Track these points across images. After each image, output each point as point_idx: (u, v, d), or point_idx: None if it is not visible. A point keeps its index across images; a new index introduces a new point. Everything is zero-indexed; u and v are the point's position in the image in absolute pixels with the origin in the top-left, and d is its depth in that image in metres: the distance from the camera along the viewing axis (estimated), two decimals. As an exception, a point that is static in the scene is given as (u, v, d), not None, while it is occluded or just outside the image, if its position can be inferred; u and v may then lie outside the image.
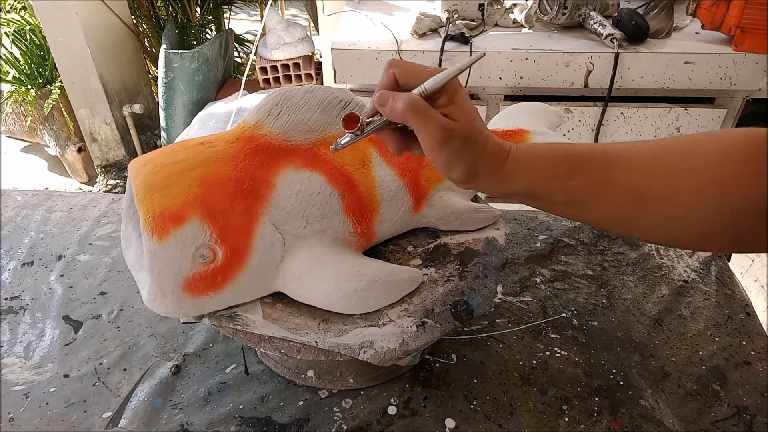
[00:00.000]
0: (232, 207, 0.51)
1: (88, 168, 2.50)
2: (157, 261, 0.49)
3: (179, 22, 2.51)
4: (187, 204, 0.49)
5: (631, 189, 0.44)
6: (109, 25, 2.30)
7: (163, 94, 2.18)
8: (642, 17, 1.40)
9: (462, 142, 0.45)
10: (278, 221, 0.53)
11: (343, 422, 0.59)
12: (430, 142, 0.45)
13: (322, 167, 0.56)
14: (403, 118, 0.45)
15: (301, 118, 0.53)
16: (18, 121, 2.48)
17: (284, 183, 0.53)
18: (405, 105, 0.44)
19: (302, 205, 0.54)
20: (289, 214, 0.53)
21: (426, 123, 0.44)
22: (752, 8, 1.30)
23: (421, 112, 0.44)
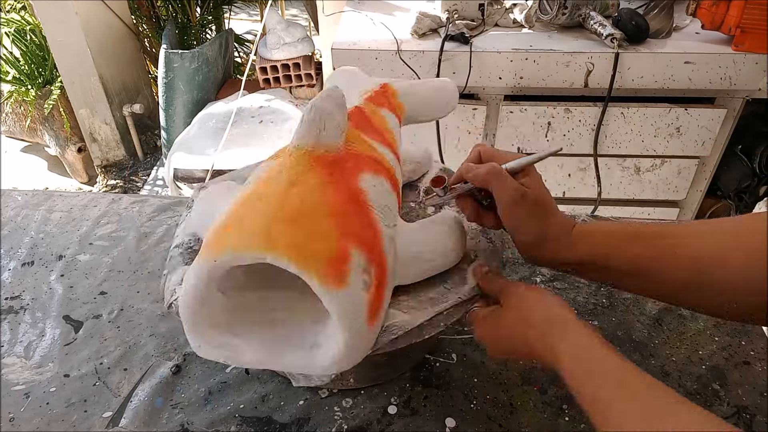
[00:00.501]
0: (362, 223, 0.49)
1: (88, 168, 2.51)
2: (347, 310, 0.45)
3: (179, 22, 2.51)
4: (339, 239, 0.46)
5: (687, 255, 0.47)
6: (109, 25, 2.30)
7: (163, 94, 2.18)
8: (642, 17, 1.40)
9: (533, 207, 0.52)
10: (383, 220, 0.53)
11: (344, 422, 0.59)
12: (505, 201, 0.51)
13: (375, 166, 0.56)
14: (485, 181, 0.52)
15: (335, 123, 0.52)
16: (18, 121, 2.48)
17: (367, 185, 0.52)
18: (487, 169, 0.52)
19: (385, 200, 0.54)
20: (383, 210, 0.53)
21: (503, 184, 0.51)
22: (752, 8, 1.30)
23: (500, 176, 0.51)
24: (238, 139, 1.97)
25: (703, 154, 1.52)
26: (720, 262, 0.45)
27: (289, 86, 2.29)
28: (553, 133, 1.52)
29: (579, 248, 0.52)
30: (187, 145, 2.00)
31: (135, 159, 2.56)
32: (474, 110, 1.51)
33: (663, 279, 0.49)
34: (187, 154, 1.96)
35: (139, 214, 0.89)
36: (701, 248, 0.47)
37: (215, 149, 1.90)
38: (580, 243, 0.52)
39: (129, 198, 0.94)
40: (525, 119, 1.50)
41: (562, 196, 1.64)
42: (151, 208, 0.91)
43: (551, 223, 0.52)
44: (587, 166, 1.56)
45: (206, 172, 1.86)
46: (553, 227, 0.52)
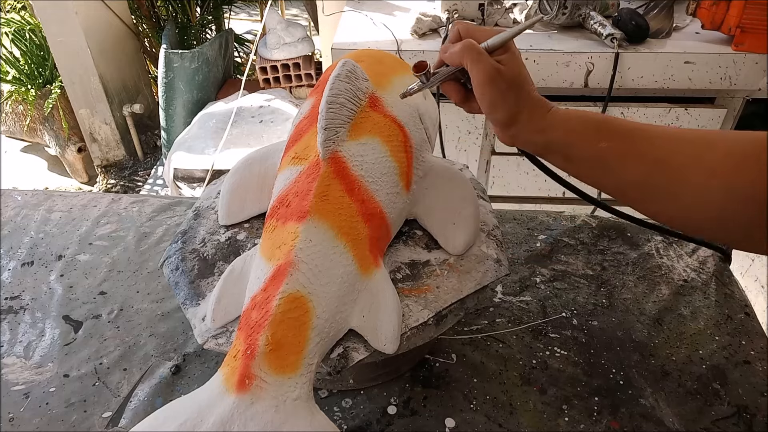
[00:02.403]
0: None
1: (88, 168, 2.51)
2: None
3: (179, 22, 2.51)
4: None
5: (652, 158, 0.47)
6: (109, 24, 2.30)
7: (163, 94, 2.18)
8: (642, 17, 1.40)
9: (508, 85, 0.51)
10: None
11: (343, 422, 0.59)
12: (480, 78, 0.51)
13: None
14: (460, 58, 0.51)
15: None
16: (18, 121, 2.48)
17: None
18: (461, 46, 0.51)
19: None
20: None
21: (478, 61, 0.50)
22: (752, 8, 1.30)
23: (474, 52, 0.50)
24: (238, 139, 1.97)
25: (703, 154, 1.52)
26: (683, 170, 0.45)
27: (289, 86, 2.29)
28: (553, 133, 1.52)
29: (553, 133, 0.52)
30: (187, 145, 2.00)
31: (135, 159, 2.56)
32: (474, 110, 1.51)
33: (626, 176, 0.49)
34: (187, 154, 1.96)
35: (139, 214, 0.89)
36: (674, 152, 0.46)
37: (215, 149, 1.90)
38: (554, 127, 0.52)
39: (129, 198, 0.94)
40: (525, 119, 1.50)
41: (562, 196, 1.64)
42: (151, 208, 0.91)
43: (526, 102, 0.52)
44: (587, 166, 1.56)
45: (206, 172, 1.86)
46: (527, 106, 0.52)
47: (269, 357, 0.43)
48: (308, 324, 0.45)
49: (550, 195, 1.64)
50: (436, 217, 0.59)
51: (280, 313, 0.44)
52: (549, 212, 0.89)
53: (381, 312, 0.49)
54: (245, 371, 0.42)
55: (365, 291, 0.50)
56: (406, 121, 0.59)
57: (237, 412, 0.41)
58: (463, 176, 0.62)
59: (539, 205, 1.67)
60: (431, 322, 0.52)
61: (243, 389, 0.42)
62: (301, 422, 0.42)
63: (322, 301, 0.47)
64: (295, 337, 0.44)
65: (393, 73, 0.62)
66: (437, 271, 0.56)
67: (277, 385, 0.43)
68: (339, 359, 0.49)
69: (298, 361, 0.44)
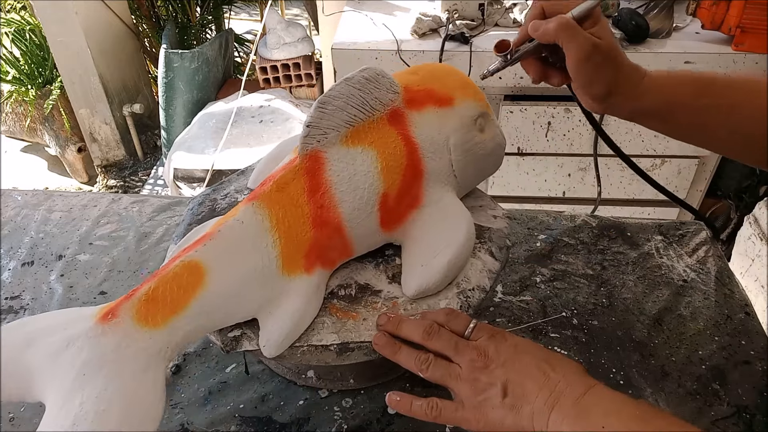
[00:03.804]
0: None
1: (88, 168, 2.51)
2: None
3: (179, 22, 2.51)
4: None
5: (752, 106, 0.48)
6: (109, 24, 2.30)
7: (163, 94, 2.18)
8: (642, 17, 1.40)
9: (604, 58, 0.51)
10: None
11: (344, 422, 0.59)
12: (577, 55, 0.50)
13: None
14: (555, 36, 0.50)
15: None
16: (18, 121, 2.48)
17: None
18: (557, 24, 0.50)
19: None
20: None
21: (574, 38, 0.49)
22: (752, 8, 1.30)
23: (571, 29, 0.50)
24: (238, 139, 1.97)
25: (703, 154, 1.52)
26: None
27: (289, 86, 2.30)
28: (553, 133, 1.52)
29: (649, 98, 0.52)
30: (187, 145, 2.00)
31: (135, 159, 2.56)
32: (474, 110, 1.51)
33: (729, 132, 0.50)
34: (187, 154, 1.96)
35: (139, 214, 0.89)
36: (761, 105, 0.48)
37: (215, 149, 1.90)
38: (651, 92, 0.52)
39: (129, 198, 0.94)
40: (525, 119, 1.50)
41: (562, 196, 1.64)
42: (151, 208, 0.91)
43: (621, 73, 0.52)
44: (587, 166, 1.56)
45: (206, 171, 1.86)
46: (623, 78, 0.52)
47: (139, 305, 0.46)
48: (193, 293, 0.47)
49: (550, 195, 1.64)
50: (412, 252, 0.55)
51: (172, 273, 0.47)
52: (549, 212, 0.89)
53: (280, 314, 0.50)
54: (114, 307, 0.46)
55: (280, 289, 0.50)
56: (426, 146, 0.55)
57: (85, 336, 0.45)
58: (465, 224, 0.55)
59: (539, 205, 1.67)
60: (333, 349, 0.51)
61: (103, 320, 0.45)
62: (127, 369, 0.44)
63: (220, 279, 0.48)
64: (174, 298, 0.46)
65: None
66: (378, 305, 0.54)
67: (132, 330, 0.45)
68: (231, 341, 0.51)
69: (165, 320, 0.46)
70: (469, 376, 0.46)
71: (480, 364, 0.46)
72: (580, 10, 0.52)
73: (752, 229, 1.25)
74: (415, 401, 0.47)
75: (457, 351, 0.47)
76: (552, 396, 0.42)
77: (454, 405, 0.46)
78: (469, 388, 0.45)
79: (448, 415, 0.46)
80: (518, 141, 1.55)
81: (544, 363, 0.44)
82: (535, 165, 1.60)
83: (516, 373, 0.44)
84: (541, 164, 1.59)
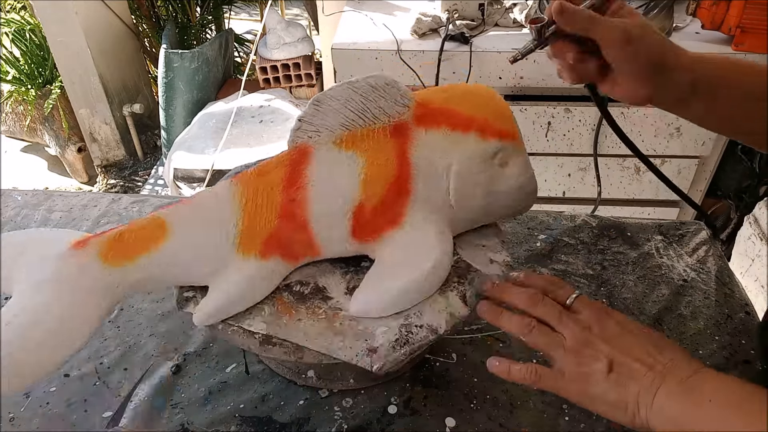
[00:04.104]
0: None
1: (88, 168, 2.51)
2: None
3: (179, 22, 2.51)
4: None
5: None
6: (109, 24, 2.30)
7: (163, 94, 2.18)
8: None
9: (644, 34, 0.50)
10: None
11: (344, 421, 0.59)
12: (613, 40, 0.50)
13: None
14: (584, 31, 0.50)
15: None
16: (18, 121, 2.48)
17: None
18: (583, 20, 0.50)
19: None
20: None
21: (605, 26, 0.49)
22: (752, 8, 1.30)
23: (598, 20, 0.50)
24: (238, 139, 1.97)
25: (703, 154, 1.52)
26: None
27: (289, 86, 2.29)
28: (553, 133, 1.52)
29: (697, 71, 0.52)
30: (187, 145, 2.00)
31: (135, 159, 2.56)
32: (474, 110, 1.50)
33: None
34: (187, 154, 1.96)
35: (139, 214, 0.89)
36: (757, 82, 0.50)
37: (215, 149, 1.90)
38: (698, 66, 0.52)
39: (129, 198, 0.94)
40: (525, 119, 1.50)
41: (562, 196, 1.64)
42: (151, 208, 0.91)
43: (666, 46, 0.52)
44: (587, 166, 1.56)
45: (206, 172, 1.86)
46: (669, 49, 0.52)
47: (105, 243, 0.52)
48: (152, 245, 0.52)
49: (550, 195, 1.64)
50: (374, 268, 0.54)
51: (141, 224, 0.53)
52: (549, 212, 0.89)
53: (220, 287, 0.52)
54: (86, 240, 0.53)
55: (232, 266, 0.52)
56: (421, 168, 0.53)
57: (54, 256, 0.51)
58: (433, 255, 0.52)
59: (539, 205, 1.67)
60: (257, 338, 0.52)
61: (75, 247, 0.52)
62: (72, 294, 0.50)
63: (179, 239, 0.52)
64: (134, 245, 0.52)
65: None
66: (319, 311, 0.53)
67: (92, 261, 0.51)
68: (183, 299, 0.55)
69: (121, 262, 0.52)
70: (573, 347, 0.46)
71: (583, 337, 0.46)
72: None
73: (752, 229, 1.25)
74: (513, 365, 0.48)
75: (560, 321, 0.48)
76: (660, 376, 0.43)
77: (553, 373, 0.47)
78: (572, 359, 0.46)
79: (547, 382, 0.47)
80: (518, 141, 1.54)
81: (651, 346, 0.45)
82: (535, 165, 1.60)
83: (622, 352, 0.45)
84: (541, 164, 1.59)
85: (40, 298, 0.49)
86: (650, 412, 0.42)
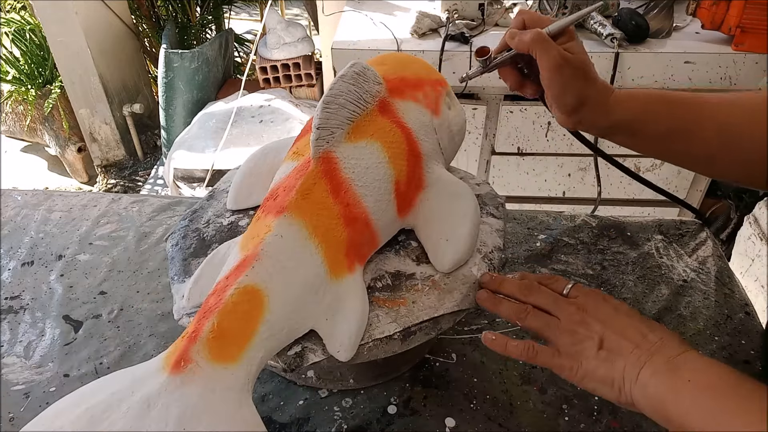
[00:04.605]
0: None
1: (88, 168, 2.51)
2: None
3: (179, 21, 2.51)
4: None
5: (719, 124, 0.53)
6: (109, 24, 2.30)
7: (163, 93, 2.18)
8: (642, 17, 1.40)
9: (575, 71, 0.54)
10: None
11: (344, 421, 0.59)
12: (550, 66, 0.54)
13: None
14: (529, 47, 0.54)
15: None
16: (18, 121, 2.48)
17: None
18: (532, 36, 0.54)
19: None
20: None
21: (548, 50, 0.53)
22: (752, 8, 1.30)
23: (545, 42, 0.53)
24: (238, 139, 1.97)
25: (703, 154, 1.52)
26: (746, 131, 0.51)
27: (289, 86, 2.29)
28: (553, 133, 1.52)
29: (617, 112, 0.56)
30: (187, 145, 2.00)
31: (135, 159, 2.56)
32: (474, 110, 1.51)
33: (693, 146, 0.53)
34: (187, 154, 1.96)
35: (139, 214, 0.89)
36: (729, 117, 0.52)
37: (215, 149, 1.90)
38: (620, 107, 0.56)
39: (129, 198, 0.94)
40: (525, 119, 1.50)
41: (562, 196, 1.64)
42: (151, 208, 0.91)
43: (592, 87, 0.56)
44: (587, 166, 1.56)
45: (206, 171, 1.86)
46: (593, 91, 0.56)
47: (210, 343, 0.43)
48: (259, 318, 0.45)
49: (550, 195, 1.64)
50: (431, 230, 0.57)
51: (231, 303, 0.45)
52: (549, 212, 0.89)
53: (342, 318, 0.49)
54: (184, 353, 0.43)
55: (332, 294, 0.50)
56: (417, 129, 0.58)
57: (164, 391, 0.41)
58: (469, 193, 0.58)
59: (539, 205, 1.67)
60: (397, 337, 0.51)
61: (177, 370, 0.42)
62: (223, 412, 0.42)
63: (279, 298, 0.46)
64: (241, 328, 0.44)
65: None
66: (418, 286, 0.55)
67: (212, 372, 0.42)
68: (295, 358, 0.49)
69: (240, 353, 0.44)
70: (567, 327, 0.48)
71: (578, 317, 0.48)
72: (555, 26, 0.55)
73: (752, 229, 1.25)
74: (510, 342, 0.50)
75: (556, 305, 0.50)
76: (646, 354, 0.44)
77: (550, 350, 0.48)
78: (567, 337, 0.47)
79: (544, 358, 0.48)
80: (518, 141, 1.55)
81: (643, 325, 0.46)
82: (535, 165, 1.60)
83: (613, 331, 0.46)
84: (541, 164, 1.59)
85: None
86: (634, 387, 0.43)
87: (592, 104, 0.56)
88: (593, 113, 0.56)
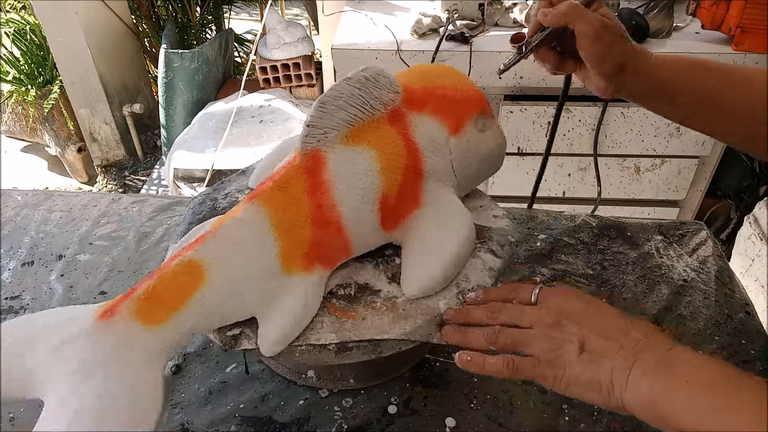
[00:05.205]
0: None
1: (88, 168, 2.51)
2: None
3: (179, 21, 2.51)
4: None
5: (754, 90, 0.53)
6: (109, 24, 2.30)
7: (163, 93, 2.18)
8: (642, 17, 1.40)
9: (614, 35, 0.55)
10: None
11: (344, 421, 0.59)
12: (590, 32, 0.54)
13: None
14: (565, 18, 0.55)
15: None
16: (18, 121, 2.48)
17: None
18: (567, 7, 0.54)
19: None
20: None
21: (585, 17, 0.53)
22: (752, 8, 1.30)
23: (581, 10, 0.54)
24: (238, 139, 1.97)
25: (703, 154, 1.52)
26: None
27: (289, 86, 2.29)
28: (553, 133, 1.52)
29: (658, 77, 0.56)
30: (187, 145, 2.00)
31: (135, 159, 2.56)
32: (474, 110, 1.50)
33: (729, 111, 0.54)
34: (187, 154, 1.96)
35: (139, 214, 0.89)
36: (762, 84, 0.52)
37: (215, 149, 1.90)
38: (659, 71, 0.56)
39: (129, 198, 0.94)
40: (525, 119, 1.50)
41: (562, 196, 1.64)
42: (151, 208, 0.91)
43: (631, 50, 0.56)
44: (587, 166, 1.56)
45: (206, 171, 1.86)
46: (632, 54, 0.56)
47: (140, 303, 0.46)
48: (192, 291, 0.47)
49: (550, 195, 1.64)
50: (411, 251, 0.55)
51: (172, 272, 0.47)
52: (549, 212, 0.89)
53: (279, 313, 0.50)
54: (114, 306, 0.46)
55: (280, 288, 0.51)
56: (425, 145, 0.56)
57: (83, 334, 0.44)
58: (463, 224, 0.56)
59: (539, 205, 1.67)
60: (331, 348, 0.51)
61: (102, 318, 0.45)
62: (129, 368, 0.44)
63: (221, 275, 0.48)
64: (173, 295, 0.46)
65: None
66: (377, 304, 0.53)
67: (132, 328, 0.45)
68: (230, 339, 0.51)
69: (165, 317, 0.46)
70: (541, 333, 0.46)
71: (551, 320, 0.46)
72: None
73: (752, 229, 1.25)
74: (488, 359, 0.47)
75: (525, 316, 0.48)
76: (633, 353, 0.42)
77: (530, 361, 0.46)
78: (544, 343, 0.45)
79: (525, 371, 0.46)
80: (518, 141, 1.55)
81: (622, 321, 0.45)
82: (535, 165, 1.60)
83: (593, 331, 0.45)
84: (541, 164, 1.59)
85: (94, 383, 0.42)
86: (625, 390, 0.41)
87: (632, 67, 0.56)
88: (634, 76, 0.56)
